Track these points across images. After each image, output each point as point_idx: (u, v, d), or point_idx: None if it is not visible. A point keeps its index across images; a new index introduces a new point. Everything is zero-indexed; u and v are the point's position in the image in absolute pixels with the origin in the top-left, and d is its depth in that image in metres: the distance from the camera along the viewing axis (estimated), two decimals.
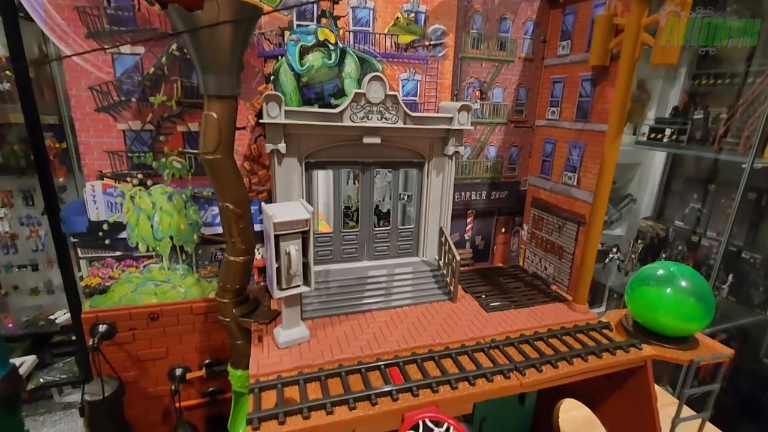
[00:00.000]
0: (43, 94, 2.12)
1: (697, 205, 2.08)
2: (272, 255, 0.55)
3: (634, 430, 0.67)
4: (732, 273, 1.91)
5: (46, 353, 2.53)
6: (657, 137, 2.01)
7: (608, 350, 0.62)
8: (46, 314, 2.54)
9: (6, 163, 2.31)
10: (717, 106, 1.87)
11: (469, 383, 0.54)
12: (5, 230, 2.40)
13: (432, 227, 0.81)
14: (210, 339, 0.76)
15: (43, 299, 2.60)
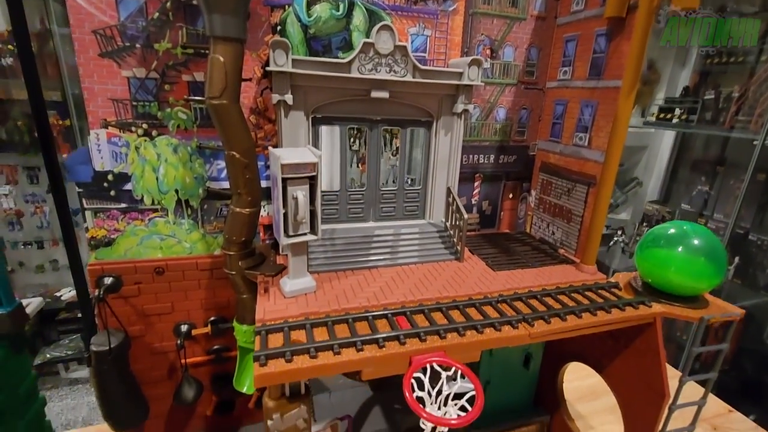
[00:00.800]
0: (47, 70, 2.10)
1: (704, 188, 2.06)
2: (279, 200, 0.54)
3: (641, 390, 0.66)
4: (738, 255, 1.89)
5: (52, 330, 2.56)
6: (666, 117, 1.98)
7: (617, 306, 0.62)
8: (52, 291, 2.57)
9: (10, 140, 2.30)
10: (729, 86, 1.84)
11: (477, 331, 0.53)
12: (10, 207, 2.41)
13: (439, 189, 0.79)
14: (215, 296, 0.76)
15: (48, 277, 2.63)
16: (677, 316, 0.63)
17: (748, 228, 1.87)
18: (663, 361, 0.62)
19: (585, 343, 0.77)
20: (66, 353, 2.36)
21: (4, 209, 2.39)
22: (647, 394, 0.65)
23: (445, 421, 0.44)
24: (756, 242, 1.86)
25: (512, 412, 0.87)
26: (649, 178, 2.40)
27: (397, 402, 0.89)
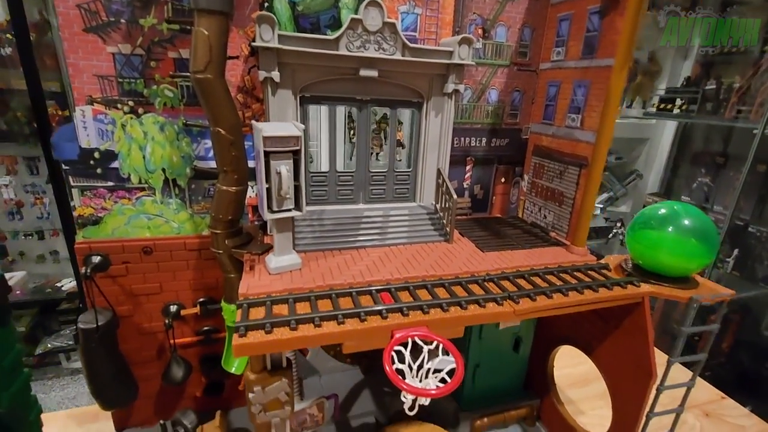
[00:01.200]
0: (45, 61, 2.10)
1: (704, 179, 2.04)
2: (262, 175, 0.53)
3: (629, 370, 0.66)
4: (738, 247, 1.88)
5: (53, 320, 2.57)
6: (667, 108, 1.96)
7: (605, 286, 0.61)
8: (53, 282, 2.58)
9: (9, 130, 2.30)
10: (730, 77, 1.82)
11: (461, 307, 0.53)
12: (10, 197, 2.42)
13: (430, 171, 0.79)
14: (204, 277, 0.76)
15: (49, 267, 2.64)
16: (666, 296, 0.62)
17: (747, 220, 1.86)
18: (651, 341, 0.62)
19: (575, 326, 0.77)
20: (67, 343, 2.38)
21: (5, 200, 2.40)
22: (635, 374, 0.64)
23: (425, 392, 0.44)
24: (755, 234, 1.84)
25: (502, 395, 0.87)
26: (650, 171, 2.38)
27: (386, 385, 0.89)
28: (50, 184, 2.20)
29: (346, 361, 0.92)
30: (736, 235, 1.88)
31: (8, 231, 2.43)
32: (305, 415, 0.63)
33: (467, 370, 0.83)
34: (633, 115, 2.19)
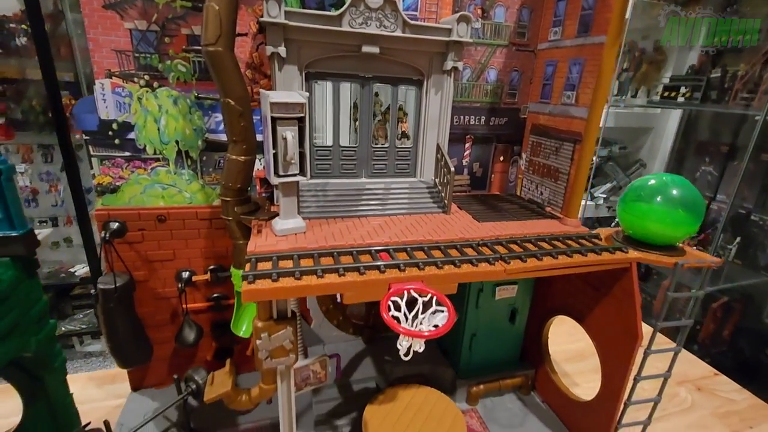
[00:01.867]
0: (60, 52, 2.15)
1: (708, 168, 2.04)
2: (269, 140, 0.57)
3: (617, 334, 0.69)
4: (740, 236, 1.89)
5: (67, 305, 2.65)
6: (671, 96, 1.96)
7: (594, 251, 0.64)
8: (66, 267, 2.65)
9: (25, 119, 2.37)
10: (735, 65, 1.81)
11: (454, 266, 0.57)
12: (26, 185, 2.49)
13: (430, 148, 0.82)
14: (214, 245, 0.80)
15: (63, 254, 2.71)
16: (652, 261, 0.65)
17: (750, 208, 1.86)
18: (637, 305, 0.65)
19: (568, 296, 0.80)
20: (80, 327, 2.45)
21: (20, 187, 2.47)
22: (622, 337, 0.67)
23: (418, 334, 0.47)
24: (758, 222, 1.84)
25: (499, 365, 0.90)
26: (654, 161, 2.38)
27: (387, 354, 0.93)
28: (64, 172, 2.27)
29: (349, 332, 0.96)
30: (739, 223, 1.89)
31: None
32: (308, 371, 0.67)
33: (464, 340, 0.87)
34: (637, 104, 2.19)
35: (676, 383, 1.00)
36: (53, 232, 2.56)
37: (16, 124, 2.29)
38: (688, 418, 0.89)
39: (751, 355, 1.85)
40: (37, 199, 2.47)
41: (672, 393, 0.96)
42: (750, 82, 1.67)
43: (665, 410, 0.91)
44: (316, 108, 0.76)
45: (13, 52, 2.17)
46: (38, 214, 2.49)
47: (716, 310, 1.96)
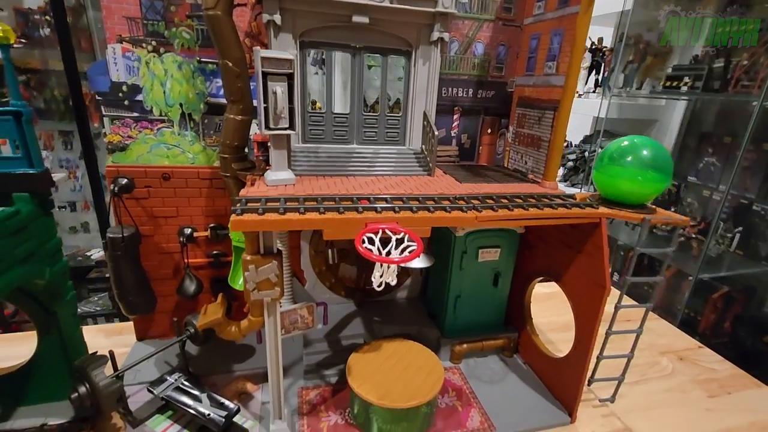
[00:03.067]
0: (80, 44, 2.26)
1: (711, 159, 2.04)
2: (261, 96, 0.62)
3: (588, 286, 0.72)
4: (742, 226, 1.88)
5: (83, 288, 2.76)
6: (674, 85, 1.97)
7: (564, 206, 0.68)
8: (83, 252, 2.77)
9: (47, 108, 2.49)
10: (738, 55, 1.81)
11: (428, 211, 0.61)
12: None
13: (418, 117, 0.86)
14: (214, 204, 0.86)
15: (80, 238, 2.83)
16: (621, 216, 0.69)
17: (753, 198, 1.85)
18: (606, 258, 0.68)
19: (548, 259, 0.84)
20: (95, 309, 2.56)
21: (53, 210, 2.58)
22: (593, 289, 0.71)
23: (389, 259, 0.52)
24: (760, 212, 1.83)
25: (483, 328, 0.94)
26: None
27: (376, 316, 0.97)
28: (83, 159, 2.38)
29: (341, 294, 1.01)
30: (741, 213, 1.88)
31: None
32: (296, 315, 0.73)
33: (449, 301, 0.91)
34: (642, 94, 2.20)
35: (658, 353, 1.02)
36: (72, 216, 2.68)
37: (39, 113, 2.41)
38: (667, 383, 0.91)
39: (753, 345, 1.84)
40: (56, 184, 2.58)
41: (653, 361, 0.99)
42: (751, 71, 1.67)
43: (644, 375, 0.94)
44: (309, 75, 0.81)
45: (37, 43, 2.28)
46: (57, 198, 2.60)
47: (716, 301, 1.95)
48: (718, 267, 1.87)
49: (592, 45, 2.39)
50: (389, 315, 0.98)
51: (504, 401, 0.81)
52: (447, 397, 0.81)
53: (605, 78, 2.34)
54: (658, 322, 1.17)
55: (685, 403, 0.86)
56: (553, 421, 0.77)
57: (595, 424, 0.78)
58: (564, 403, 0.80)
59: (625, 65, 2.30)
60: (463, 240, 0.85)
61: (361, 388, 0.69)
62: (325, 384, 0.83)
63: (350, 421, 0.74)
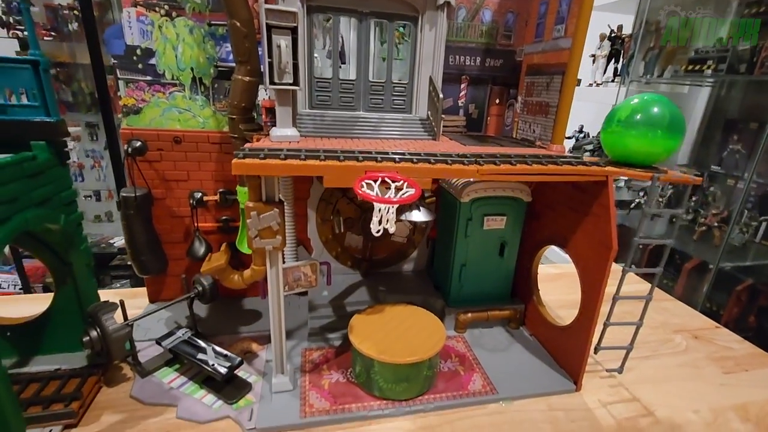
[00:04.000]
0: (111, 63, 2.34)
1: (736, 147, 1.96)
2: (266, 51, 0.64)
3: (595, 248, 0.71)
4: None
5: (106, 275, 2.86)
6: (696, 69, 1.90)
7: (569, 163, 0.67)
8: (107, 239, 2.86)
9: (75, 100, 2.59)
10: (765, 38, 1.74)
11: (429, 163, 0.61)
12: (74, 160, 2.72)
13: (424, 84, 0.86)
14: (223, 169, 0.88)
15: (104, 227, 2.93)
16: (629, 174, 0.67)
17: None
18: (612, 218, 0.67)
19: (555, 226, 0.82)
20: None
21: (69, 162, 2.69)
22: (599, 250, 0.69)
23: (388, 200, 0.52)
24: None
25: (489, 299, 0.93)
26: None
27: (382, 286, 0.98)
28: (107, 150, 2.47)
29: (347, 264, 1.02)
30: (767, 202, 1.80)
31: None
32: (300, 273, 0.74)
33: (453, 270, 0.90)
34: (664, 79, 2.13)
35: (672, 331, 0.99)
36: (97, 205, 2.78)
37: (67, 105, 2.51)
38: (680, 359, 0.89)
39: None
40: (83, 173, 2.70)
41: (666, 339, 0.96)
42: None
43: (656, 351, 0.91)
44: (317, 41, 0.82)
45: (65, 37, 2.38)
46: (83, 187, 2.71)
47: (740, 293, 1.87)
48: (743, 257, 1.80)
49: (611, 33, 2.34)
50: (394, 285, 0.99)
51: (507, 368, 0.80)
52: (450, 362, 0.81)
53: (624, 66, 2.28)
54: (672, 303, 1.13)
55: (698, 378, 0.83)
56: (556, 388, 0.76)
57: (601, 393, 0.76)
58: (569, 371, 0.79)
59: (646, 52, 2.24)
60: (468, 207, 0.84)
61: (361, 345, 0.70)
62: (329, 346, 0.84)
63: (352, 380, 0.74)
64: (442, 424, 0.67)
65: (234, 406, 0.67)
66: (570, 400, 0.74)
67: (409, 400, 0.71)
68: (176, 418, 0.65)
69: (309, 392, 0.71)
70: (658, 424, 0.70)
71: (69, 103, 2.54)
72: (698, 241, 1.93)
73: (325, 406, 0.68)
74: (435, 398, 0.71)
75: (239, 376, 0.73)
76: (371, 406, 0.69)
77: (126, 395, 0.69)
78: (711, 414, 0.73)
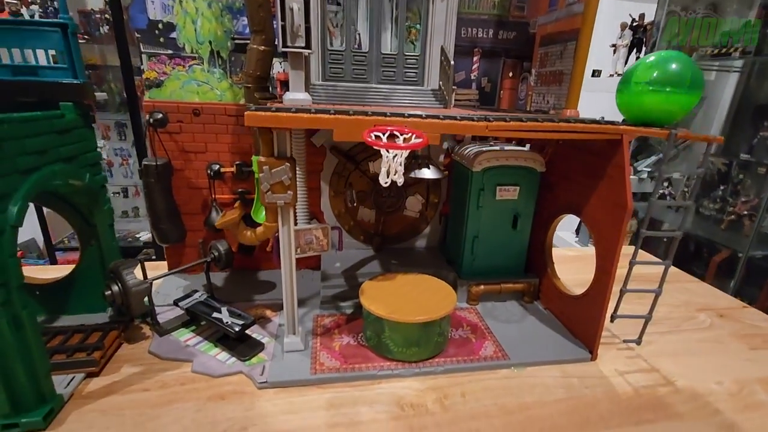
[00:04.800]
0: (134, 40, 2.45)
1: (767, 134, 1.88)
2: (278, 15, 0.65)
3: (610, 210, 0.69)
4: None
5: None
6: (722, 52, 1.84)
7: (582, 121, 0.66)
8: (133, 234, 2.97)
9: (105, 101, 2.71)
10: None
11: (438, 119, 0.61)
12: (103, 158, 2.85)
13: (436, 57, 0.87)
14: (240, 141, 0.90)
15: (130, 222, 3.04)
16: (645, 132, 0.65)
17: None
18: (627, 177, 0.65)
19: (570, 195, 0.81)
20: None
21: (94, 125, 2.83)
22: (614, 211, 0.68)
23: (396, 145, 0.53)
24: None
25: (502, 273, 0.92)
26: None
27: (394, 260, 0.98)
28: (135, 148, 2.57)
29: (360, 239, 1.03)
30: None
31: None
32: (311, 236, 0.75)
33: (466, 242, 0.90)
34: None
35: (695, 310, 0.95)
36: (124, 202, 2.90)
37: (98, 105, 2.63)
38: (704, 335, 0.85)
39: None
40: (111, 170, 2.82)
41: (689, 316, 0.92)
42: None
43: (678, 326, 0.88)
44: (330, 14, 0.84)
45: (97, 40, 2.50)
46: (112, 183, 2.83)
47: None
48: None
49: (632, 22, 2.29)
50: (406, 259, 0.99)
51: (521, 337, 0.79)
52: (461, 330, 0.80)
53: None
54: (697, 284, 1.09)
55: (723, 353, 0.79)
56: (570, 356, 0.74)
57: (618, 363, 0.74)
58: (584, 341, 0.77)
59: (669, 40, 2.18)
60: (481, 176, 0.84)
61: (372, 305, 0.70)
62: (340, 314, 0.84)
63: (362, 344, 0.75)
64: (451, 385, 0.67)
65: (247, 363, 0.69)
66: (585, 368, 0.73)
67: (419, 362, 0.70)
68: (191, 372, 0.67)
69: (320, 353, 0.72)
70: (678, 393, 0.67)
71: (100, 104, 2.67)
72: (726, 231, 1.86)
73: (336, 365, 0.69)
74: (445, 361, 0.71)
75: (252, 336, 0.74)
76: (381, 366, 0.69)
77: (145, 351, 0.72)
78: (735, 385, 0.70)
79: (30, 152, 0.54)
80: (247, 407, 0.60)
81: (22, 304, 0.51)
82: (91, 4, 2.47)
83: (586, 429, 0.59)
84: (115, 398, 0.61)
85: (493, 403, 0.63)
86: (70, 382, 0.62)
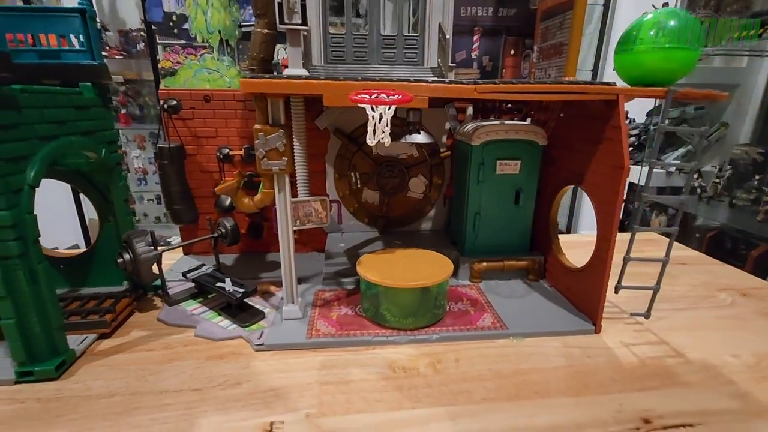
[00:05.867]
0: None
1: None
2: None
3: (608, 174, 0.68)
4: None
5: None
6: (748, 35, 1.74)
7: (576, 83, 0.65)
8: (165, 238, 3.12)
9: (141, 114, 2.89)
10: None
11: (426, 83, 0.62)
12: (139, 166, 3.03)
13: (435, 36, 0.88)
14: (248, 126, 0.95)
15: (163, 227, 3.20)
16: (641, 93, 0.64)
17: None
18: (624, 137, 0.64)
19: (572, 166, 0.80)
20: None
21: (135, 168, 3.01)
22: (612, 174, 0.66)
23: (380, 100, 0.54)
24: None
25: (506, 251, 0.91)
26: (742, 120, 2.10)
27: (398, 240, 0.99)
28: None
29: (364, 221, 1.04)
30: None
31: (136, 194, 3.04)
32: (310, 208, 0.77)
33: (467, 219, 0.89)
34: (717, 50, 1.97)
35: (716, 289, 0.90)
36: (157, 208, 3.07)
37: (134, 117, 2.81)
38: (724, 312, 0.80)
39: None
40: (146, 178, 3.00)
41: (708, 295, 0.87)
42: None
43: (695, 304, 0.83)
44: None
45: (133, 56, 2.68)
46: (146, 190, 3.01)
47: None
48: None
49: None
50: (410, 240, 0.99)
51: (521, 311, 0.77)
52: (460, 304, 0.80)
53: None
54: (721, 267, 1.03)
55: (743, 329, 0.74)
56: (572, 328, 0.72)
57: (624, 336, 0.71)
58: (588, 313, 0.74)
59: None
60: (480, 150, 0.84)
61: (368, 273, 0.71)
62: (341, 289, 0.86)
63: (360, 314, 0.76)
64: (446, 351, 0.66)
65: (247, 329, 0.71)
66: (588, 340, 0.70)
67: (415, 329, 0.70)
68: (195, 336, 0.70)
69: (317, 321, 0.73)
70: (688, 364, 0.64)
71: (136, 116, 2.85)
72: (763, 223, 1.74)
73: (331, 331, 0.70)
74: (441, 330, 0.70)
75: (254, 306, 0.77)
76: (376, 333, 0.69)
77: (154, 319, 0.76)
78: (753, 358, 0.65)
79: (49, 121, 0.59)
80: (243, 366, 0.62)
81: (37, 258, 0.56)
82: (129, 24, 2.65)
83: (583, 394, 0.57)
84: (123, 356, 0.65)
85: (487, 368, 0.62)
86: (83, 341, 0.66)
